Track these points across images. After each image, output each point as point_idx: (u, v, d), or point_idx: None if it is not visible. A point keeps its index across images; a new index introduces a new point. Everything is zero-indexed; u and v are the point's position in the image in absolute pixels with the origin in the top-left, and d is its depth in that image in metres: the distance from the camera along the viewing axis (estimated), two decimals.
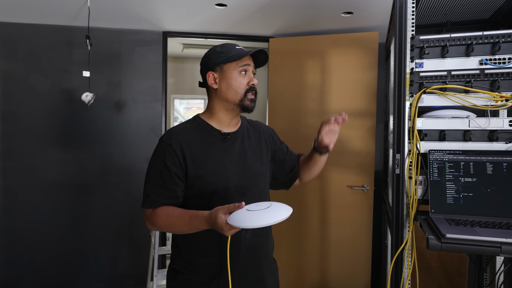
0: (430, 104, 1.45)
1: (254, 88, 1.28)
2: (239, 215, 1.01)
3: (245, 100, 1.27)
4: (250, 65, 1.28)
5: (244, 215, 1.00)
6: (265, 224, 0.97)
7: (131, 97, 3.01)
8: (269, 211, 1.02)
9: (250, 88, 1.27)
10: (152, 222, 1.25)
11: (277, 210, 1.03)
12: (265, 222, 0.97)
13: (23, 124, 2.88)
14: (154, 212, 1.24)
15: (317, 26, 2.85)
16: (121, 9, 2.55)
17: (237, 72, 1.28)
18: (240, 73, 1.28)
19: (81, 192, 2.95)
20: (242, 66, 1.27)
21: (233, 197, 1.25)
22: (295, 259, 2.93)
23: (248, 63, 1.28)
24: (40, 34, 2.87)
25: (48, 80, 2.89)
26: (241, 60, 1.28)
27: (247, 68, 1.28)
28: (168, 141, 1.26)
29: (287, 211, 1.02)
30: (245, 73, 1.28)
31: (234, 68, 1.28)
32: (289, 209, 1.04)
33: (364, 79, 2.80)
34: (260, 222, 0.97)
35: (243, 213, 1.01)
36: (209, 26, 2.92)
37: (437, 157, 1.38)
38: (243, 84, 1.27)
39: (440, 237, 1.11)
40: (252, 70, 1.30)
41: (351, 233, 2.84)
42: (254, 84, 1.28)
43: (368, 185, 2.80)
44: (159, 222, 1.22)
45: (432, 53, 1.45)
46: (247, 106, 1.28)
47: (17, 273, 2.90)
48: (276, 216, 0.99)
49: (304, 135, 2.92)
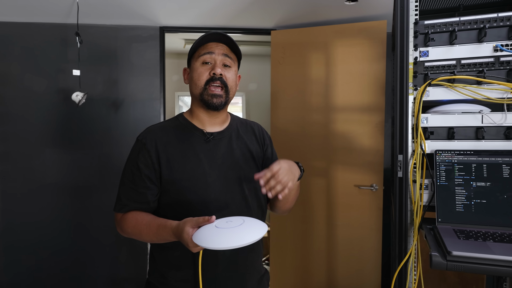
0: (437, 98, 1.28)
1: (218, 79, 1.11)
2: (205, 232, 0.88)
3: (205, 94, 1.12)
4: (213, 53, 1.11)
5: (210, 233, 0.87)
6: (230, 247, 0.83)
7: (129, 96, 2.91)
8: (239, 230, 0.88)
9: (211, 78, 1.11)
10: (121, 228, 1.13)
11: (248, 230, 0.88)
12: (231, 245, 0.83)
13: (19, 125, 2.82)
14: (123, 217, 1.13)
15: (320, 16, 2.68)
16: (114, 5, 2.45)
17: (199, 62, 1.13)
18: (202, 64, 1.12)
19: (79, 193, 2.88)
20: (202, 55, 1.12)
21: (212, 205, 1.12)
22: (301, 261, 2.79)
23: (209, 51, 1.11)
24: (34, 32, 2.79)
25: (44, 79, 2.82)
26: (203, 49, 1.12)
27: (207, 58, 1.11)
28: (143, 140, 1.14)
29: (259, 232, 0.88)
30: (209, 63, 1.12)
31: (196, 59, 1.14)
32: (262, 229, 0.90)
33: (371, 71, 2.62)
34: (225, 243, 0.84)
35: (210, 230, 0.88)
36: (207, 20, 2.78)
37: (445, 158, 1.22)
38: (204, 74, 1.11)
39: (446, 254, 0.95)
40: (223, 61, 1.13)
41: (360, 235, 2.68)
42: (216, 73, 1.10)
43: (377, 184, 2.62)
44: (127, 228, 1.11)
45: (439, 40, 1.27)
46: (208, 101, 1.12)
47: (17, 276, 2.86)
48: (246, 237, 0.85)
49: (308, 132, 2.76)
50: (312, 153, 2.76)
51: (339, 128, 2.71)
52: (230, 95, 1.16)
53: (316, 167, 2.76)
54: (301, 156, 2.77)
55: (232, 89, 1.16)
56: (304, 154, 2.77)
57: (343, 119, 2.70)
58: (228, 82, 1.13)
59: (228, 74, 1.14)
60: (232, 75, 1.16)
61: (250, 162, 1.21)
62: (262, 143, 1.30)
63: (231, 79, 1.15)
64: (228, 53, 1.15)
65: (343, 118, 2.70)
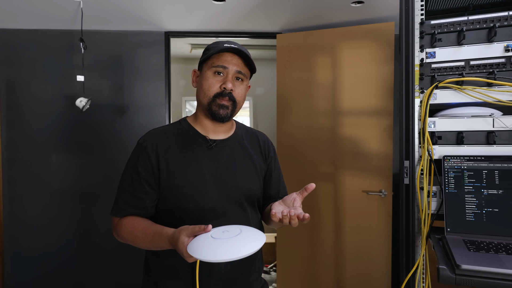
0: (445, 101, 1.22)
1: (227, 94, 1.09)
2: (200, 242, 0.84)
3: (212, 105, 1.09)
4: (227, 68, 1.09)
5: (205, 244, 0.83)
6: (225, 260, 0.79)
7: (134, 101, 2.90)
8: (235, 241, 0.83)
9: (221, 93, 1.09)
10: (117, 233, 1.11)
11: (245, 241, 0.84)
12: (226, 257, 0.79)
13: (26, 131, 2.84)
14: (120, 221, 1.10)
15: (326, 19, 2.63)
16: (119, 10, 2.45)
17: (211, 72, 1.11)
18: (214, 74, 1.10)
19: (85, 199, 2.87)
20: (216, 67, 1.10)
21: (210, 214, 1.08)
22: (308, 268, 2.73)
23: (223, 65, 1.09)
24: (41, 39, 2.81)
25: (50, 86, 2.83)
26: (218, 59, 1.10)
27: (221, 70, 1.09)
28: (144, 144, 1.12)
29: (256, 243, 0.84)
30: (221, 74, 1.10)
31: (209, 67, 1.12)
32: (260, 240, 0.85)
33: (379, 74, 2.56)
34: (220, 256, 0.79)
35: (205, 241, 0.84)
36: (211, 24, 2.76)
37: (454, 164, 1.15)
38: (214, 86, 1.09)
39: (454, 268, 0.89)
40: (235, 75, 1.11)
41: (368, 242, 2.60)
42: (227, 87, 1.08)
43: (386, 190, 2.55)
44: (123, 234, 1.08)
45: (446, 40, 1.22)
46: (214, 112, 1.10)
47: (24, 281, 2.86)
48: (242, 249, 0.81)
49: (315, 136, 2.71)
50: (319, 158, 2.71)
51: (346, 132, 2.65)
52: (237, 108, 1.15)
53: (323, 172, 2.70)
54: (308, 161, 2.72)
55: (239, 103, 1.15)
56: (311, 159, 2.72)
57: (351, 123, 2.64)
58: (236, 97, 1.12)
59: (238, 90, 1.12)
60: (241, 90, 1.14)
61: (252, 173, 1.18)
62: (266, 155, 1.26)
63: (240, 94, 1.13)
64: (241, 69, 1.12)
65: (350, 122, 2.64)
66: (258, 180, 1.19)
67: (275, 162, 1.28)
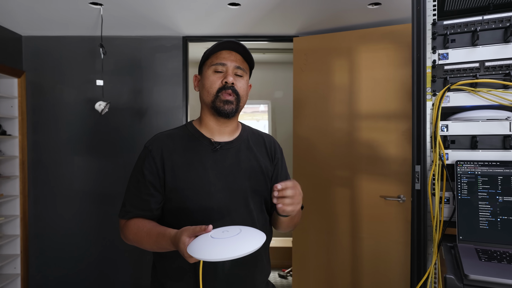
0: (458, 104, 1.17)
1: (230, 87, 1.10)
2: (199, 242, 0.84)
3: (217, 101, 1.10)
4: (225, 65, 1.11)
5: (205, 243, 0.83)
6: (222, 258, 0.79)
7: (152, 105, 2.96)
8: (234, 241, 0.83)
9: (223, 87, 1.10)
10: (124, 234, 1.14)
11: (244, 240, 0.84)
12: (223, 256, 0.79)
13: (50, 134, 2.95)
14: (126, 223, 1.13)
15: (343, 21, 2.60)
16: (137, 16, 2.51)
17: (211, 70, 1.12)
18: (214, 72, 1.12)
19: (105, 200, 2.95)
20: (215, 65, 1.11)
21: (215, 216, 1.09)
22: (324, 274, 2.69)
23: (222, 62, 1.11)
24: (64, 45, 2.92)
25: (73, 90, 2.93)
26: (216, 58, 1.12)
27: (220, 68, 1.11)
28: (149, 147, 1.14)
29: (255, 243, 0.83)
30: (221, 71, 1.11)
31: (208, 66, 1.13)
32: (259, 240, 0.85)
33: (397, 77, 2.50)
34: (218, 255, 0.80)
35: (205, 241, 0.84)
36: (228, 28, 2.78)
37: (467, 169, 1.11)
38: (216, 82, 1.11)
39: (462, 278, 0.85)
40: (235, 70, 1.12)
41: (386, 249, 2.54)
42: (228, 81, 1.09)
43: (405, 195, 2.48)
44: (129, 235, 1.11)
45: (460, 41, 1.17)
46: (219, 108, 1.10)
47: (47, 279, 2.96)
48: (240, 248, 0.81)
49: (332, 140, 2.67)
50: (335, 162, 2.67)
51: (363, 136, 2.60)
52: (241, 104, 1.15)
53: (339, 176, 2.66)
54: (324, 165, 2.68)
55: (243, 98, 1.15)
56: (327, 163, 2.68)
57: (368, 127, 2.59)
58: (239, 91, 1.13)
59: (239, 84, 1.13)
60: (243, 84, 1.15)
61: (258, 175, 1.17)
62: (273, 156, 1.25)
63: (242, 88, 1.14)
64: (240, 64, 1.14)
65: (367, 125, 2.59)
66: (265, 181, 1.19)
67: (282, 163, 1.27)
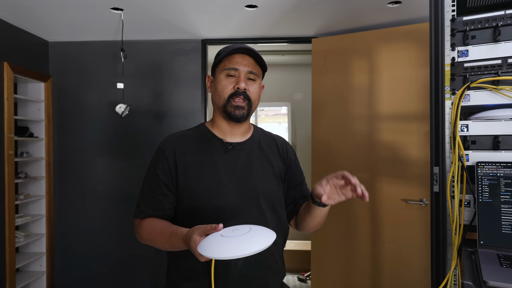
0: (479, 103, 1.12)
1: (242, 93, 1.10)
2: (209, 241, 0.85)
3: (228, 106, 1.11)
4: (238, 70, 1.11)
5: (214, 242, 0.84)
6: (233, 256, 0.79)
7: (172, 107, 3.00)
8: (244, 239, 0.83)
9: (235, 92, 1.10)
10: (138, 234, 1.16)
11: (254, 238, 0.83)
12: (234, 254, 0.79)
13: (74, 136, 3.04)
14: (140, 223, 1.16)
15: (362, 21, 2.55)
16: (156, 20, 2.56)
17: (223, 74, 1.13)
18: (227, 76, 1.12)
19: (126, 201, 3.01)
20: (227, 69, 1.12)
21: (226, 216, 1.09)
22: (343, 279, 2.63)
23: (234, 67, 1.11)
24: (88, 50, 3.01)
25: (96, 94, 3.02)
26: (229, 62, 1.12)
27: (233, 72, 1.11)
28: (162, 148, 1.16)
29: (265, 241, 0.83)
30: (233, 76, 1.12)
31: (221, 70, 1.14)
32: (269, 238, 0.84)
33: (419, 77, 2.43)
34: (228, 253, 0.80)
35: (215, 239, 0.85)
36: (246, 31, 2.79)
37: (489, 171, 1.06)
38: (228, 87, 1.11)
39: (481, 284, 0.81)
40: (247, 75, 1.12)
41: (407, 254, 2.46)
42: (240, 87, 1.10)
43: (427, 199, 2.40)
44: (143, 234, 1.13)
45: (481, 37, 1.12)
46: (230, 113, 1.11)
47: (71, 277, 3.04)
48: (251, 246, 0.81)
49: (351, 142, 2.63)
50: (355, 165, 2.62)
51: (384, 138, 2.54)
52: (253, 107, 1.16)
53: (359, 179, 2.56)
54: (344, 167, 2.61)
55: (255, 102, 1.16)
56: (346, 166, 2.63)
57: (389, 129, 2.53)
58: (251, 96, 1.13)
59: (252, 88, 1.14)
60: (255, 88, 1.15)
61: (270, 175, 1.17)
62: (285, 157, 1.25)
63: (254, 93, 1.15)
64: (253, 68, 1.14)
65: (388, 127, 2.53)
66: (277, 182, 1.18)
67: (295, 164, 1.26)
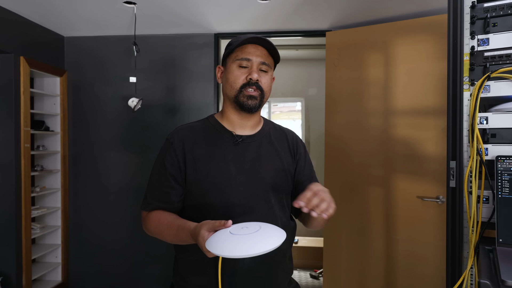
0: (500, 94, 1.07)
1: (254, 84, 1.08)
2: (219, 237, 0.83)
3: (240, 96, 1.09)
4: (251, 60, 1.09)
5: (222, 239, 0.82)
6: (242, 255, 0.77)
7: (185, 101, 3.00)
8: (253, 238, 0.81)
9: (248, 83, 1.08)
10: (146, 226, 1.15)
11: (263, 237, 0.81)
12: (242, 253, 0.77)
13: (89, 130, 3.07)
14: (148, 215, 1.15)
15: (377, 13, 2.49)
16: (169, 14, 2.55)
17: (235, 65, 1.11)
18: (239, 67, 1.10)
19: (139, 194, 3.01)
20: (240, 60, 1.09)
21: (235, 210, 1.07)
22: (356, 277, 2.59)
23: (247, 57, 1.09)
24: (102, 45, 3.03)
25: (110, 88, 3.04)
26: (241, 52, 1.10)
27: (245, 63, 1.09)
28: (171, 140, 1.15)
29: (275, 241, 0.80)
30: (246, 67, 1.10)
31: (233, 60, 1.12)
32: (279, 238, 0.82)
33: (437, 71, 2.36)
34: (237, 251, 0.78)
35: (224, 236, 0.83)
36: (258, 24, 2.76)
37: (509, 165, 1.01)
38: (240, 78, 1.09)
39: (499, 283, 0.77)
40: (260, 66, 1.10)
41: (423, 252, 2.40)
42: (253, 78, 1.07)
43: (444, 196, 2.33)
44: (151, 227, 1.12)
45: (502, 25, 1.07)
46: (243, 103, 1.09)
47: (86, 268, 3.08)
48: (260, 245, 0.79)
49: (365, 138, 2.57)
50: (369, 161, 2.56)
51: (399, 134, 2.48)
52: (264, 99, 1.14)
53: (374, 175, 2.55)
54: (358, 163, 2.58)
55: (266, 93, 1.14)
56: (360, 162, 2.58)
57: (404, 124, 2.47)
58: (263, 87, 1.11)
59: (264, 80, 1.12)
60: (267, 80, 1.14)
61: (280, 169, 1.15)
62: (295, 151, 1.22)
63: (266, 84, 1.13)
64: (265, 59, 1.12)
65: (404, 122, 2.47)
66: (286, 176, 1.15)
67: (305, 159, 1.23)
